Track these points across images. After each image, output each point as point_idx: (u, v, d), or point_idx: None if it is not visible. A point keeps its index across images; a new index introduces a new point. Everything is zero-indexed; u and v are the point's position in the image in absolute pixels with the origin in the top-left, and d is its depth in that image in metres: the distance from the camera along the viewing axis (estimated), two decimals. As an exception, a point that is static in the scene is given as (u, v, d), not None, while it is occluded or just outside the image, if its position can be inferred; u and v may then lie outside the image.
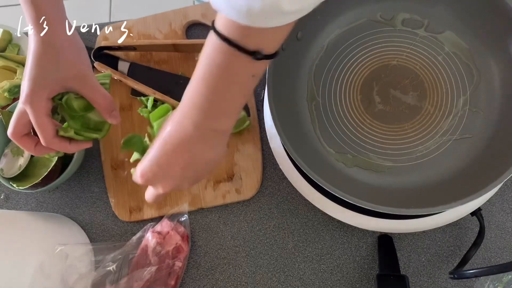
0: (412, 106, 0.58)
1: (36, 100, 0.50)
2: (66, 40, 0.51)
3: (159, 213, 0.67)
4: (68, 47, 0.52)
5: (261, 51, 0.37)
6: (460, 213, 0.55)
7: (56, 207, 0.70)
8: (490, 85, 0.57)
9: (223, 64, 0.38)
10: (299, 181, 0.58)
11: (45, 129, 0.51)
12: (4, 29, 0.75)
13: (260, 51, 0.37)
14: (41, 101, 0.50)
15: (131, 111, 0.72)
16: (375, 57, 0.60)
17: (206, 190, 0.67)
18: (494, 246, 0.62)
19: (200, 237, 0.66)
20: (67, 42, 0.52)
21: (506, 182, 0.64)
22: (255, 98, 0.70)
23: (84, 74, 0.53)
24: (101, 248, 0.65)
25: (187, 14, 0.75)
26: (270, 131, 0.60)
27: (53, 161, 0.63)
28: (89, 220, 0.69)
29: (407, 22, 0.60)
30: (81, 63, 0.53)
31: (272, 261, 0.65)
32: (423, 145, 0.57)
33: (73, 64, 0.52)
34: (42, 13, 0.49)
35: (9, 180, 0.65)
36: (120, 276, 0.62)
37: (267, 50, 0.38)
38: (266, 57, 0.38)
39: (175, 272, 0.62)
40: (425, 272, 0.62)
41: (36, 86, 0.49)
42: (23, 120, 0.52)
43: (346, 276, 0.63)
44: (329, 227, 0.65)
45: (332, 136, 0.59)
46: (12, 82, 0.71)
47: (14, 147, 0.67)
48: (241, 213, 0.67)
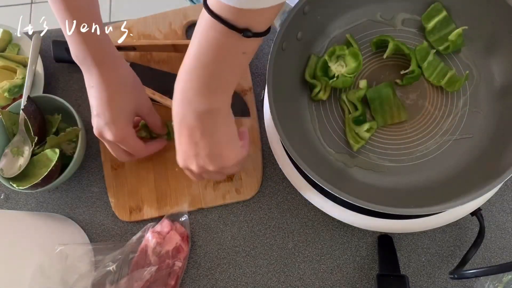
0: (412, 106, 0.58)
1: (127, 135, 0.57)
2: (130, 73, 0.58)
3: (159, 213, 0.67)
4: (135, 81, 0.58)
5: (251, 29, 0.39)
6: (460, 213, 0.55)
7: (56, 207, 0.70)
8: (490, 85, 0.56)
9: (214, 41, 0.40)
10: (299, 181, 0.58)
11: (141, 147, 0.60)
12: (4, 29, 0.75)
13: (249, 29, 0.39)
14: (131, 132, 0.58)
15: (131, 111, 0.72)
16: (375, 57, 0.60)
17: (206, 190, 0.67)
18: (494, 246, 0.62)
19: (200, 237, 0.66)
20: (132, 76, 0.58)
21: (506, 182, 0.64)
22: (255, 98, 0.70)
23: (148, 101, 0.60)
24: (101, 248, 0.65)
25: (187, 14, 0.75)
26: (270, 131, 0.60)
27: (53, 161, 0.63)
28: (89, 220, 0.69)
29: (407, 22, 0.60)
30: (142, 92, 0.59)
31: (272, 261, 0.65)
32: (423, 145, 0.56)
33: (139, 95, 0.58)
34: (100, 47, 0.54)
35: (9, 180, 0.65)
36: (120, 276, 0.62)
37: (256, 29, 0.40)
38: (255, 35, 0.40)
39: (175, 272, 0.62)
40: (425, 272, 0.62)
41: (121, 125, 0.56)
42: (121, 149, 0.59)
43: (346, 276, 0.63)
44: (329, 227, 0.65)
45: (332, 136, 0.59)
46: (12, 82, 0.71)
47: (14, 147, 0.67)
48: (241, 213, 0.67)
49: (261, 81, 0.72)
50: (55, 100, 0.67)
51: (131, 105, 0.56)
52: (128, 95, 0.56)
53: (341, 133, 0.59)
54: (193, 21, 0.75)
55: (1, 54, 0.73)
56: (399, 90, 0.59)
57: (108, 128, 0.55)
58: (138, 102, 0.58)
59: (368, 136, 0.56)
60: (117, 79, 0.54)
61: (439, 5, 0.58)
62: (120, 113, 0.55)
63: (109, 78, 0.53)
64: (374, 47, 0.60)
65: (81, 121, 0.67)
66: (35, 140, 0.65)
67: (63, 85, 0.75)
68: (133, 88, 0.57)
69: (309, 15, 0.57)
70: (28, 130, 0.66)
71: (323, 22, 0.61)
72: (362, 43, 0.61)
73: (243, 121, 0.69)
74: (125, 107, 0.56)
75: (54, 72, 0.76)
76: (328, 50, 0.59)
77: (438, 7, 0.58)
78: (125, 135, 0.56)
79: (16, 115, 0.68)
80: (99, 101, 0.54)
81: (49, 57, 0.74)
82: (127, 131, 0.57)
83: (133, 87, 0.57)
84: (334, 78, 0.58)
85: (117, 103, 0.54)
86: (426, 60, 0.56)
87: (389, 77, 0.59)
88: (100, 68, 0.53)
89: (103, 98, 0.53)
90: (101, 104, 0.54)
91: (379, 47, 0.60)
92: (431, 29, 0.58)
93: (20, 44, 0.76)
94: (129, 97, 0.56)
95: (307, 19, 0.57)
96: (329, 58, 0.59)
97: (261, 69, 0.72)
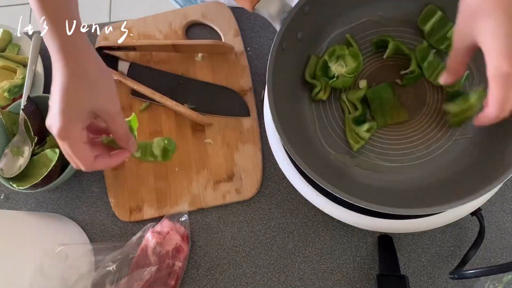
0: (412, 106, 0.58)
1: (72, 134, 0.49)
2: (98, 69, 0.51)
3: (159, 213, 0.67)
4: (100, 77, 0.51)
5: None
6: (460, 213, 0.55)
7: (56, 207, 0.70)
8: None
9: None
10: (299, 181, 0.57)
11: (86, 157, 0.50)
12: (4, 29, 0.75)
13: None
14: (77, 133, 0.49)
15: (131, 111, 0.72)
16: (375, 57, 0.60)
17: (206, 190, 0.67)
18: (494, 246, 0.62)
19: (200, 237, 0.66)
20: (99, 71, 0.51)
21: (506, 182, 0.64)
22: (255, 98, 0.70)
23: (113, 104, 0.52)
24: (101, 248, 0.65)
25: (187, 14, 0.75)
26: (270, 131, 0.60)
27: (53, 161, 0.63)
28: (89, 220, 0.69)
29: (407, 22, 0.60)
30: (108, 92, 0.52)
31: (272, 261, 0.65)
32: (423, 145, 0.56)
33: (103, 94, 0.51)
34: (69, 41, 0.49)
35: (9, 180, 0.65)
36: (120, 276, 0.62)
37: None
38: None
39: (175, 272, 0.62)
40: (425, 272, 0.62)
41: (68, 120, 0.48)
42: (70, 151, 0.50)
43: (346, 276, 0.63)
44: (329, 227, 0.65)
45: (332, 136, 0.59)
46: (12, 82, 0.71)
47: (14, 147, 0.67)
48: (241, 213, 0.67)
49: (261, 81, 0.72)
50: (55, 100, 0.67)
51: (88, 103, 0.50)
52: (88, 90, 0.49)
53: (341, 133, 0.59)
54: (193, 21, 0.75)
55: (1, 54, 0.73)
56: (399, 90, 0.58)
57: (53, 120, 0.48)
58: (100, 101, 0.50)
59: (368, 136, 0.56)
60: (78, 71, 0.49)
61: (433, 6, 0.58)
62: (71, 108, 0.48)
63: (69, 69, 0.49)
64: (374, 47, 0.60)
65: (81, 121, 0.67)
66: (35, 140, 0.65)
67: (63, 85, 0.75)
68: (96, 85, 0.50)
69: (309, 15, 0.57)
70: (28, 130, 0.66)
71: (323, 22, 0.61)
72: (362, 43, 0.61)
73: (243, 121, 0.69)
74: (80, 102, 0.49)
75: (54, 72, 0.76)
76: (328, 50, 0.59)
77: (432, 8, 0.58)
78: (70, 135, 0.49)
79: (16, 115, 0.68)
80: (53, 91, 0.49)
81: (49, 57, 0.73)
82: (72, 129, 0.49)
83: (97, 83, 0.50)
84: (334, 78, 0.58)
85: (70, 96, 0.48)
86: (426, 60, 0.56)
87: (389, 77, 0.59)
88: (63, 60, 0.49)
89: (56, 89, 0.49)
90: (53, 93, 0.49)
91: (379, 47, 0.60)
92: (429, 30, 0.58)
93: (20, 44, 0.76)
94: (88, 93, 0.50)
95: (307, 19, 0.57)
96: (329, 58, 0.59)
97: (261, 69, 0.72)
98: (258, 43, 0.74)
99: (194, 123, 0.70)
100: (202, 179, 0.68)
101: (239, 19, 0.74)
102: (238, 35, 0.73)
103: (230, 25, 0.74)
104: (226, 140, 0.69)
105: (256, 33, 0.74)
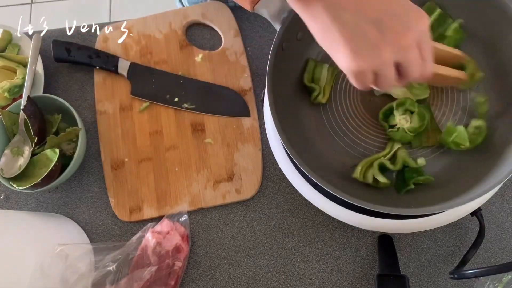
0: (412, 106, 0.58)
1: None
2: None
3: (159, 213, 0.67)
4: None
5: None
6: (460, 213, 0.55)
7: (56, 207, 0.70)
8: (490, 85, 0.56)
9: None
10: (299, 181, 0.57)
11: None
12: (4, 29, 0.75)
13: None
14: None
15: (131, 111, 0.72)
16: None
17: (206, 190, 0.67)
18: (494, 246, 0.62)
19: (200, 237, 0.66)
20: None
21: (506, 182, 0.64)
22: (255, 98, 0.70)
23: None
24: (101, 248, 0.65)
25: (187, 14, 0.75)
26: (270, 131, 0.60)
27: (53, 161, 0.63)
28: (89, 220, 0.69)
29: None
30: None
31: (272, 261, 0.65)
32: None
33: None
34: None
35: (9, 180, 0.65)
36: (120, 276, 0.62)
37: None
38: None
39: (175, 272, 0.62)
40: (425, 272, 0.62)
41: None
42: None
43: (346, 276, 0.63)
44: (329, 227, 0.65)
45: (332, 136, 0.59)
46: (12, 82, 0.71)
47: (14, 147, 0.67)
48: (241, 213, 0.67)
49: (261, 81, 0.72)
50: (55, 100, 0.67)
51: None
52: None
53: (341, 133, 0.59)
54: (193, 21, 0.75)
55: (1, 54, 0.73)
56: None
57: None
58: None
59: (384, 183, 0.54)
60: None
61: (432, 3, 0.58)
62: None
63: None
64: None
65: (81, 121, 0.67)
66: (35, 140, 0.65)
67: (63, 85, 0.75)
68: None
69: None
70: (28, 130, 0.66)
71: (323, 22, 0.60)
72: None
73: (243, 121, 0.69)
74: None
75: (54, 72, 0.76)
76: (399, 100, 0.56)
77: (431, 5, 0.57)
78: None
79: (16, 115, 0.68)
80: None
81: (49, 57, 0.74)
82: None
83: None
84: (394, 128, 0.56)
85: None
86: None
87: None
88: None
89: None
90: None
91: None
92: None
93: (20, 44, 0.76)
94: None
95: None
96: (396, 106, 0.56)
97: (261, 69, 0.72)
98: (258, 43, 0.74)
99: (194, 123, 0.70)
100: (202, 179, 0.68)
101: (239, 19, 0.74)
102: (238, 35, 0.73)
103: (230, 25, 0.74)
104: (226, 140, 0.69)
105: (256, 33, 0.74)
